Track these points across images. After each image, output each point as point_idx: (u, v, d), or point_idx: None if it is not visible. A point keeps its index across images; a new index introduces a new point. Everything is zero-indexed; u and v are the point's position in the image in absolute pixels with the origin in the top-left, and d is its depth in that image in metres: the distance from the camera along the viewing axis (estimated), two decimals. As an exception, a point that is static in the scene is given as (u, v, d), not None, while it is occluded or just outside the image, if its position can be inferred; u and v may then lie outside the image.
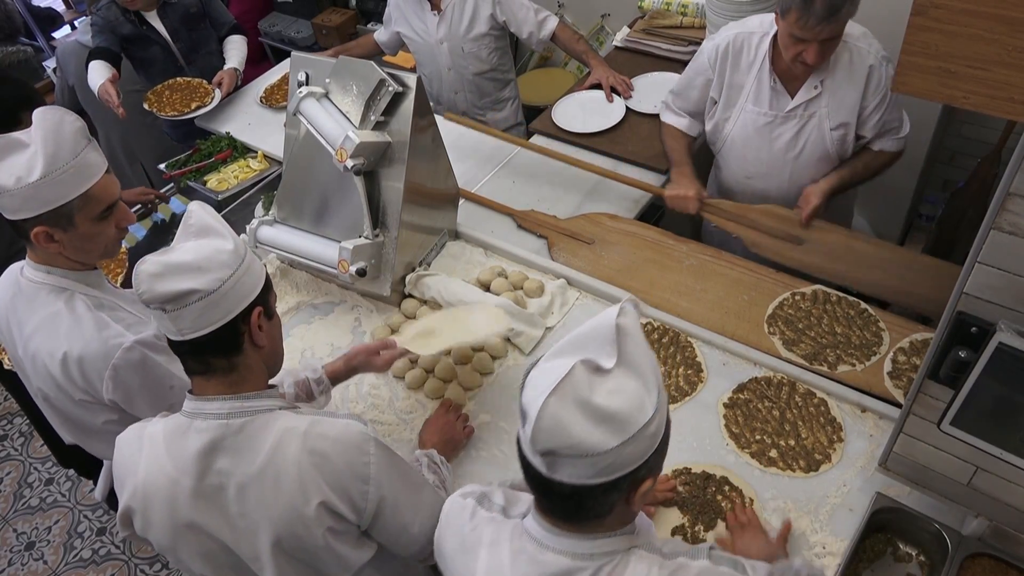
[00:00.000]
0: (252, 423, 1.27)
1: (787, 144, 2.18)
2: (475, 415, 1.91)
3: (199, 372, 1.28)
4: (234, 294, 1.23)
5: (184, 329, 1.22)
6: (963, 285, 1.12)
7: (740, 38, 2.14)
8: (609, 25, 3.93)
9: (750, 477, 1.68)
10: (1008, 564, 1.46)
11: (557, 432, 0.94)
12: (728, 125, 2.26)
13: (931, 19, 0.83)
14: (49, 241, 1.52)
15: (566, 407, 0.94)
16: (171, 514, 1.30)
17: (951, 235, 2.94)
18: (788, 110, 2.13)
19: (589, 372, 0.95)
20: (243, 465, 1.27)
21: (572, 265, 2.22)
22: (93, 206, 1.54)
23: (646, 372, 0.98)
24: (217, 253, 1.23)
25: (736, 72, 2.18)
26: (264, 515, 1.28)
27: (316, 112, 2.02)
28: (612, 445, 0.94)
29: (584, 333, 1.00)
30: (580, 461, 0.95)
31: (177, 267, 1.19)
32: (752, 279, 2.11)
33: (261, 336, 1.30)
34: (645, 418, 0.96)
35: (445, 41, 2.96)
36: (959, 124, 3.07)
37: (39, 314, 1.59)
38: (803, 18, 1.85)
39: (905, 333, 1.91)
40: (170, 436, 1.30)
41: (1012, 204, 1.00)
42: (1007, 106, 0.85)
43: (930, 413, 1.31)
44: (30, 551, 3.13)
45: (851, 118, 2.10)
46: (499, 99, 3.20)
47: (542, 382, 0.96)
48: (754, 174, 2.30)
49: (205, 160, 2.90)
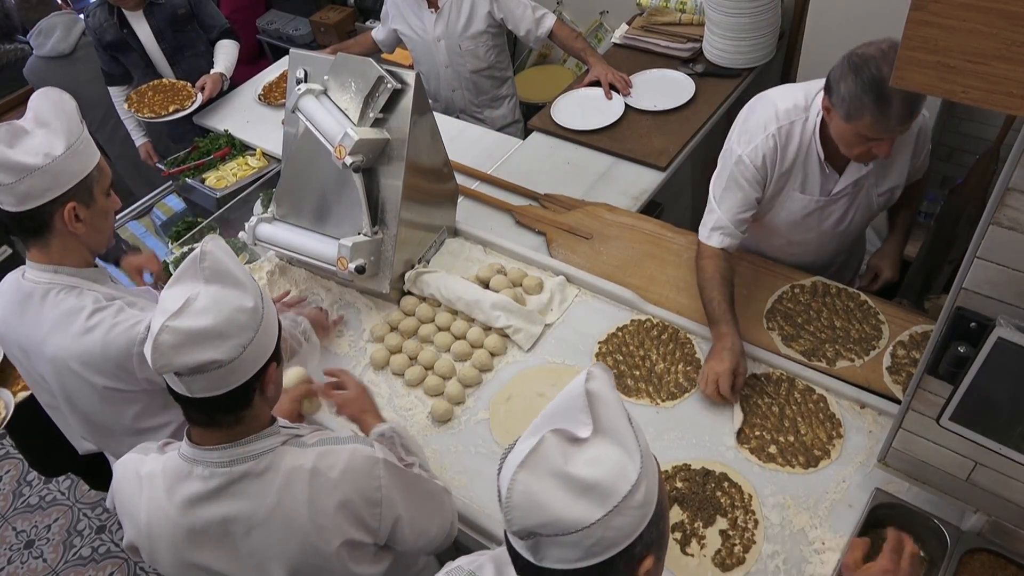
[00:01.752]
0: (256, 465, 1.24)
1: (836, 221, 2.02)
2: (474, 412, 1.91)
3: (201, 424, 1.24)
4: (252, 357, 1.18)
5: (196, 391, 1.16)
6: (962, 280, 1.12)
7: (783, 132, 1.86)
8: (607, 22, 3.93)
9: (749, 473, 1.68)
10: (1007, 559, 1.46)
11: (532, 509, 0.86)
12: (771, 215, 2.03)
13: (930, 14, 0.83)
14: (76, 220, 1.56)
15: (539, 480, 0.86)
16: (176, 555, 1.29)
17: (950, 232, 2.94)
18: (837, 192, 1.94)
19: (563, 442, 0.89)
20: (250, 510, 1.24)
21: (571, 262, 2.23)
22: (104, 178, 1.61)
23: (625, 438, 0.91)
24: (237, 313, 1.15)
25: (783, 166, 1.91)
26: (276, 552, 1.27)
27: (315, 109, 2.02)
28: (596, 517, 0.85)
29: (555, 406, 0.93)
30: (565, 540, 0.86)
31: (197, 336, 1.11)
32: (751, 272, 2.11)
33: (272, 387, 1.25)
34: (629, 484, 0.87)
35: (443, 39, 2.96)
36: (957, 121, 3.07)
37: (53, 314, 1.59)
38: (880, 123, 1.63)
39: (905, 326, 1.91)
40: (170, 480, 1.26)
41: (1011, 199, 1.00)
42: (1005, 100, 0.85)
43: (929, 408, 1.31)
44: (29, 549, 3.13)
45: (900, 181, 1.96)
46: (496, 96, 3.20)
47: (512, 460, 0.90)
48: (799, 252, 2.13)
49: (204, 158, 2.90)
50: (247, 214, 2.51)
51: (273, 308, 1.26)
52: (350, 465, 1.27)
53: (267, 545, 1.26)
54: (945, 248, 2.92)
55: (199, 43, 3.31)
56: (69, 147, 1.51)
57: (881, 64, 1.58)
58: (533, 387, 1.93)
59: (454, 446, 1.85)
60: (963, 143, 3.12)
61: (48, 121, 1.51)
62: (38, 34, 3.44)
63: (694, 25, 3.02)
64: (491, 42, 3.01)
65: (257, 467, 1.24)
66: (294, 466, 1.25)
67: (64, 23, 3.43)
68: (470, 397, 1.95)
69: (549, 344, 2.03)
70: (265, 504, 1.24)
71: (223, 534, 1.26)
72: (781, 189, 1.96)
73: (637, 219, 2.34)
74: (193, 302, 1.13)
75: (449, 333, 2.08)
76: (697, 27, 3.00)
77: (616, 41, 3.19)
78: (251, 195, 2.71)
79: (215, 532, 1.26)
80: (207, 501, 1.24)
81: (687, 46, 2.98)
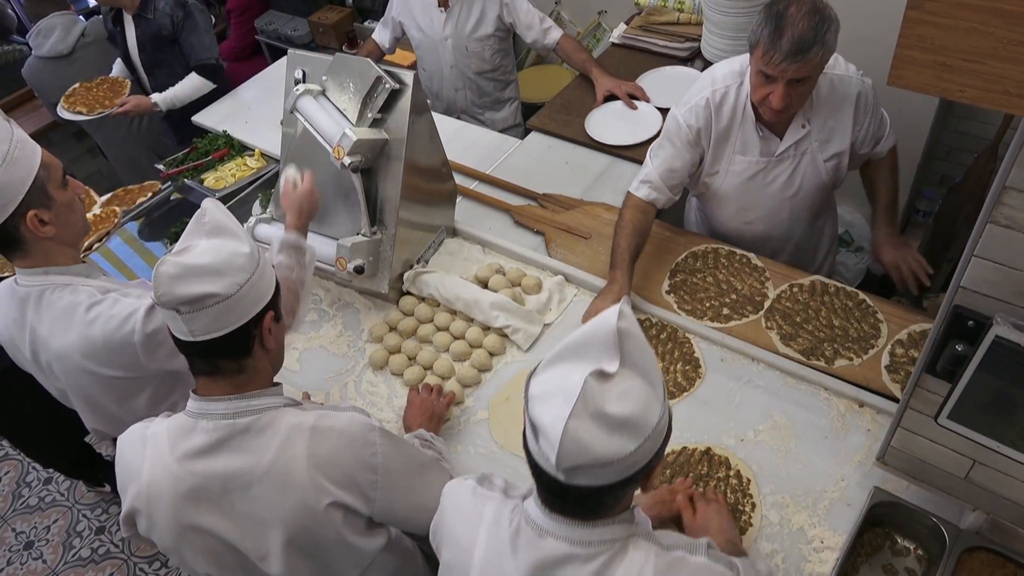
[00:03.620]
0: (258, 421, 1.28)
1: (783, 185, 2.09)
2: (473, 411, 1.91)
3: (206, 373, 1.28)
4: (249, 299, 1.24)
5: (196, 331, 1.22)
6: (960, 279, 1.13)
7: (717, 94, 1.99)
8: (606, 22, 3.93)
9: (750, 462, 1.69)
10: (1005, 558, 1.47)
11: (580, 451, 0.95)
12: (717, 180, 2.13)
13: (926, 12, 0.84)
14: (43, 225, 1.51)
15: (584, 425, 0.94)
16: (175, 515, 1.30)
17: (948, 231, 2.95)
18: (779, 153, 2.03)
19: (598, 380, 0.96)
20: (249, 465, 1.27)
21: (569, 261, 2.23)
22: (54, 172, 1.53)
23: (650, 371, 1.00)
24: (234, 256, 1.23)
25: (719, 126, 2.03)
26: (273, 514, 1.28)
27: (313, 110, 2.02)
28: (630, 450, 0.96)
29: (584, 338, 1.00)
30: (599, 470, 0.97)
31: (195, 269, 1.19)
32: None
33: (271, 339, 1.30)
34: (656, 416, 0.98)
35: (450, 38, 2.97)
36: (956, 120, 3.07)
37: (50, 313, 1.59)
38: (770, 52, 1.73)
39: (903, 324, 1.91)
40: (174, 436, 1.30)
41: (1008, 198, 1.00)
42: (1002, 99, 0.85)
43: (927, 407, 1.32)
44: (29, 550, 3.13)
45: (844, 146, 2.03)
46: (499, 99, 3.21)
47: (554, 398, 0.97)
48: (753, 219, 2.19)
49: (202, 158, 2.89)
50: (246, 214, 2.50)
51: (270, 265, 1.31)
52: (348, 428, 1.32)
53: (264, 504, 1.28)
54: (943, 247, 2.92)
55: (176, 65, 3.29)
56: (4, 158, 1.42)
57: (789, 3, 1.72)
58: (532, 387, 1.92)
59: (453, 446, 1.85)
60: (961, 142, 3.13)
61: None
62: (37, 34, 3.43)
63: (692, 24, 3.02)
64: (497, 45, 3.03)
65: (259, 423, 1.28)
66: (295, 423, 1.29)
67: (63, 23, 3.43)
68: (469, 397, 1.95)
69: (548, 344, 2.03)
70: (264, 459, 1.27)
71: (222, 491, 1.28)
72: (722, 153, 2.07)
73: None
74: (194, 247, 1.23)
75: (448, 333, 2.08)
76: (695, 26, 3.00)
77: (614, 41, 3.19)
78: (250, 195, 2.72)
79: (214, 489, 1.28)
80: (208, 454, 1.27)
81: (685, 46, 2.98)
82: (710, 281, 2.09)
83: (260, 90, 3.30)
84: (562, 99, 2.97)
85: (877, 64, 2.67)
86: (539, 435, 0.99)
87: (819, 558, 1.54)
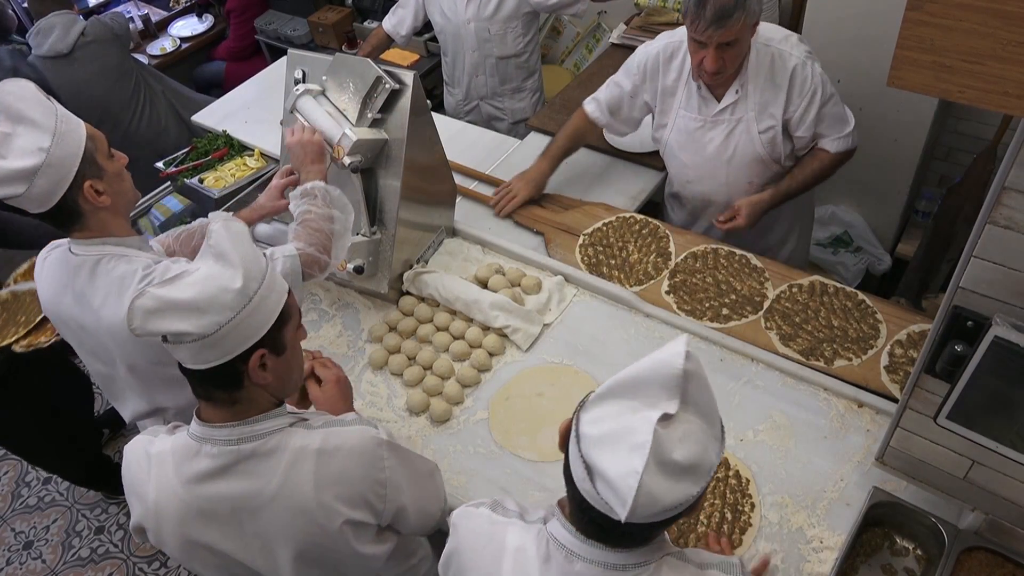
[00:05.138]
0: (264, 445, 1.25)
1: (718, 148, 2.21)
2: (473, 411, 1.91)
3: (203, 398, 1.26)
4: (231, 338, 1.17)
5: (184, 360, 1.19)
6: (959, 279, 1.13)
7: (670, 47, 2.18)
8: (606, 22, 3.93)
9: (750, 461, 1.69)
10: (1004, 557, 1.47)
11: (651, 504, 0.93)
12: (666, 132, 2.29)
13: (926, 14, 0.84)
14: (99, 195, 1.54)
15: (655, 479, 0.92)
16: (183, 534, 1.30)
17: (947, 231, 2.95)
18: (715, 114, 2.16)
19: (662, 427, 0.93)
20: (256, 489, 1.25)
21: (569, 261, 2.23)
22: (100, 143, 1.57)
23: (710, 412, 0.98)
24: (221, 293, 1.15)
25: (667, 79, 2.21)
26: (282, 534, 1.28)
27: (313, 109, 2.02)
28: (695, 493, 0.96)
29: (643, 375, 0.96)
30: (664, 513, 0.96)
31: (174, 305, 1.14)
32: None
33: (262, 376, 1.23)
34: (715, 457, 0.97)
35: (472, 21, 2.97)
36: (955, 120, 3.07)
37: (106, 281, 1.58)
38: (696, 21, 1.88)
39: (902, 325, 1.91)
40: (179, 459, 1.27)
41: (1007, 198, 1.00)
42: (1001, 100, 0.85)
43: (926, 407, 1.32)
44: (28, 550, 3.13)
45: (776, 121, 2.12)
46: (521, 88, 3.20)
47: (617, 445, 0.93)
48: (693, 178, 2.33)
49: (202, 158, 2.89)
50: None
51: (276, 293, 1.23)
52: (357, 447, 1.29)
53: (273, 526, 1.27)
54: (943, 247, 2.92)
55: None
56: (55, 133, 1.47)
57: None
58: (532, 387, 1.93)
59: (453, 446, 1.85)
60: (960, 142, 3.13)
61: (21, 115, 1.46)
62: (36, 33, 3.43)
63: (692, 25, 3.02)
64: (520, 30, 3.02)
65: (264, 447, 1.25)
66: (301, 446, 1.26)
67: (63, 23, 3.42)
68: (469, 397, 1.95)
69: (548, 344, 2.03)
70: (272, 483, 1.25)
71: (230, 514, 1.27)
72: (670, 106, 2.25)
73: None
74: (188, 275, 1.17)
75: (448, 333, 2.08)
76: (695, 27, 3.00)
77: (614, 41, 3.20)
78: (250, 195, 2.71)
79: (222, 511, 1.27)
80: (215, 478, 1.25)
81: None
82: (709, 281, 2.10)
83: (260, 90, 3.30)
84: (562, 99, 2.97)
85: (877, 65, 2.69)
86: (600, 481, 0.95)
87: (818, 558, 1.54)
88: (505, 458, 1.81)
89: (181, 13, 4.90)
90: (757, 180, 2.26)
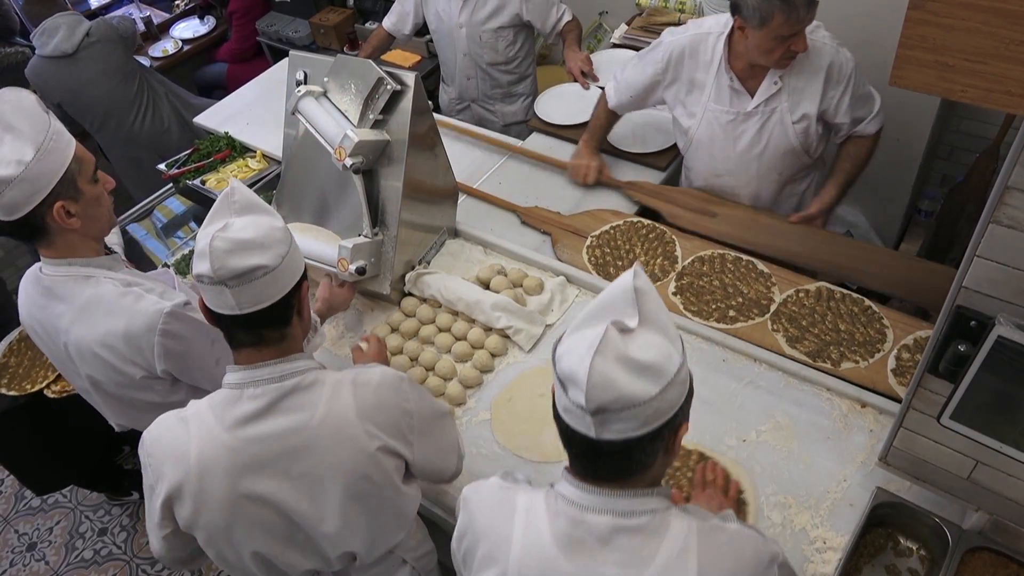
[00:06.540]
0: (303, 380, 1.33)
1: (751, 142, 2.21)
2: (475, 412, 1.91)
3: (250, 344, 1.32)
4: (290, 270, 1.29)
5: (244, 303, 1.25)
6: (962, 279, 1.12)
7: (697, 39, 2.17)
8: (607, 23, 3.93)
9: (752, 461, 1.68)
10: (1008, 558, 1.46)
11: (607, 388, 0.99)
12: (693, 125, 2.28)
13: (928, 13, 0.84)
14: (68, 217, 1.53)
15: (609, 364, 0.99)
16: (231, 485, 1.31)
17: (950, 231, 2.95)
18: (750, 109, 2.16)
19: (619, 332, 1.01)
20: (303, 420, 1.31)
21: (575, 261, 2.23)
22: (86, 166, 1.56)
23: (666, 326, 1.05)
24: (273, 230, 1.28)
25: (696, 71, 2.20)
26: (330, 468, 1.32)
27: (314, 111, 2.02)
28: (654, 392, 1.00)
29: (603, 301, 1.05)
30: (627, 414, 1.00)
31: (244, 243, 1.23)
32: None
33: (306, 311, 1.37)
34: (676, 365, 1.03)
35: (464, 26, 2.98)
36: (957, 120, 3.07)
37: (73, 304, 1.59)
38: (791, 16, 1.88)
39: (909, 330, 1.91)
40: (220, 408, 1.32)
41: (1010, 198, 1.00)
42: (1004, 99, 0.85)
43: (930, 407, 1.31)
44: (31, 552, 3.13)
45: (812, 109, 2.12)
46: (512, 92, 3.22)
47: (579, 348, 1.01)
48: (722, 172, 2.33)
49: (204, 160, 2.89)
50: (247, 216, 2.51)
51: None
52: (384, 379, 1.40)
53: (320, 460, 1.32)
54: (945, 246, 2.92)
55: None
56: (39, 148, 1.45)
57: None
58: (534, 388, 1.93)
59: (455, 447, 1.85)
60: (963, 142, 3.13)
61: (11, 125, 1.45)
62: (41, 34, 3.43)
63: (693, 25, 3.02)
64: (512, 38, 3.03)
65: (304, 382, 1.33)
66: (337, 379, 1.36)
67: (68, 23, 3.43)
68: (471, 398, 1.95)
69: (550, 345, 2.03)
70: (316, 414, 1.31)
71: (279, 455, 1.31)
72: (698, 101, 2.22)
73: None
74: (231, 225, 1.25)
75: (450, 334, 2.08)
76: (696, 27, 3.00)
77: (615, 41, 3.19)
78: (251, 197, 2.71)
79: (270, 453, 1.31)
80: (261, 418, 1.30)
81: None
82: (716, 285, 2.09)
83: (261, 91, 3.30)
84: (563, 100, 2.96)
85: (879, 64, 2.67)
86: (568, 385, 1.02)
87: (822, 559, 1.54)
88: (507, 459, 1.81)
89: (183, 15, 4.90)
90: (787, 172, 2.27)
